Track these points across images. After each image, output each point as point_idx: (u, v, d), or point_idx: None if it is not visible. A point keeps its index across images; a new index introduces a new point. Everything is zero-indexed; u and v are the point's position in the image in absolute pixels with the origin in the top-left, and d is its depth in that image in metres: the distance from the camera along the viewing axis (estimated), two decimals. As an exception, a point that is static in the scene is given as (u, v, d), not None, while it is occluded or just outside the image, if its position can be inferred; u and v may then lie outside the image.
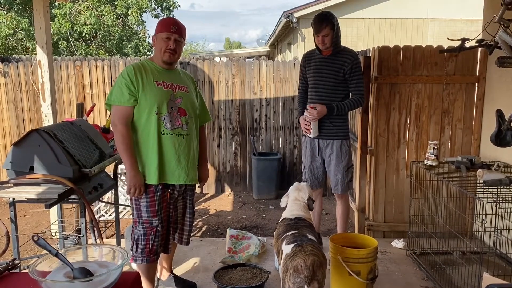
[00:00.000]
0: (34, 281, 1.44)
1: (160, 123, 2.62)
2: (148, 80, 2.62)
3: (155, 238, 2.67)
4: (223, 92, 6.10)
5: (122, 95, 2.58)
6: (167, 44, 2.65)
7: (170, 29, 2.65)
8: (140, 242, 2.66)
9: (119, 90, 2.58)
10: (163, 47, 2.66)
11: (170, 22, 2.70)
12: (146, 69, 2.66)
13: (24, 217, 5.25)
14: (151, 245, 2.67)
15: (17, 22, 9.18)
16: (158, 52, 2.70)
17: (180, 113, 2.70)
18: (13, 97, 6.10)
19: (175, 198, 2.78)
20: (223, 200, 6.02)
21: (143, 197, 2.64)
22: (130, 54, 11.32)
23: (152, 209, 2.65)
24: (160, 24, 2.71)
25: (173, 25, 2.67)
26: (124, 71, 2.63)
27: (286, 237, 2.53)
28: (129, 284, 1.56)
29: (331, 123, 3.53)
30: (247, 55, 14.78)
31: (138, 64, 2.69)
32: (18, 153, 2.60)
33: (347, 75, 3.46)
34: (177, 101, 2.70)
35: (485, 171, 2.86)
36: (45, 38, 3.83)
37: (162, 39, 2.66)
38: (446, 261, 3.42)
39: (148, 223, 2.65)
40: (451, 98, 3.99)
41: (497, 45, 2.80)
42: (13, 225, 2.72)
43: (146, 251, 2.67)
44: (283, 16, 10.28)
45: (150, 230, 2.66)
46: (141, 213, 2.66)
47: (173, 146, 2.66)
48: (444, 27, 9.72)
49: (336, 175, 3.60)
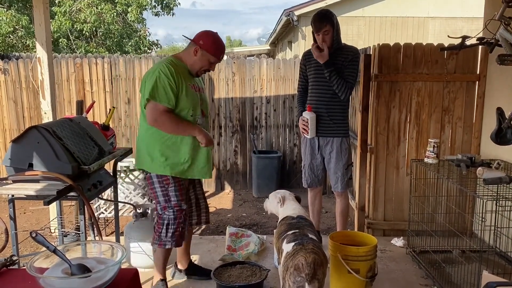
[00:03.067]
0: (32, 277, 1.44)
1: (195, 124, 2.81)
2: (185, 83, 2.73)
3: (184, 221, 2.85)
4: (223, 90, 6.10)
5: (166, 95, 2.67)
6: (210, 68, 2.82)
7: (219, 57, 2.78)
8: (171, 226, 2.81)
9: (163, 89, 2.66)
10: (204, 66, 2.79)
11: (222, 50, 2.79)
12: (181, 71, 2.75)
13: (24, 215, 5.25)
14: (181, 228, 2.84)
15: (17, 19, 9.17)
16: (197, 64, 2.79)
17: (202, 115, 2.89)
18: (13, 95, 6.10)
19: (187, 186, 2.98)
20: (223, 198, 6.02)
21: (171, 184, 2.80)
22: (130, 52, 11.31)
23: (181, 192, 2.84)
24: (214, 46, 2.75)
25: (223, 54, 2.81)
26: (165, 71, 2.67)
27: (287, 236, 2.52)
28: (128, 280, 1.56)
29: (331, 121, 3.52)
30: (248, 53, 14.76)
31: (174, 64, 2.74)
32: (17, 150, 2.59)
33: (345, 67, 3.44)
34: (200, 103, 2.87)
35: (485, 169, 2.85)
36: (44, 35, 3.83)
37: (207, 60, 2.77)
38: (446, 259, 3.42)
39: (178, 207, 2.82)
40: (452, 96, 3.98)
41: (497, 43, 2.79)
42: (12, 222, 2.72)
43: (176, 234, 2.82)
44: (284, 14, 10.27)
45: (180, 214, 2.82)
46: (169, 197, 2.81)
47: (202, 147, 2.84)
48: (445, 26, 9.71)
49: (336, 173, 3.59)
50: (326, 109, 3.52)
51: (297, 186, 6.25)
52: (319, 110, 3.54)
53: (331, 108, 3.52)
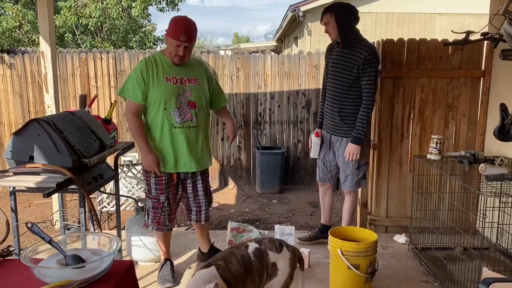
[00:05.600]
0: (28, 268, 1.44)
1: (170, 118, 2.85)
2: (158, 76, 2.81)
3: (162, 212, 3.02)
4: (227, 85, 6.08)
5: (134, 92, 2.82)
6: (177, 50, 2.78)
7: (179, 38, 2.73)
8: (150, 213, 3.05)
9: (132, 86, 2.82)
10: (173, 51, 2.79)
11: (181, 30, 2.74)
12: (158, 64, 2.83)
13: (29, 208, 5.29)
14: (158, 217, 3.03)
15: (23, 14, 9.21)
16: (168, 51, 2.84)
17: (190, 106, 2.89)
18: (19, 89, 6.14)
19: (182, 180, 3.07)
20: (227, 193, 6.03)
21: (152, 176, 2.96)
22: (135, 47, 11.32)
23: (160, 187, 2.98)
24: (172, 28, 2.77)
25: (183, 33, 2.73)
26: (137, 67, 2.83)
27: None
28: (122, 271, 1.56)
29: (342, 121, 3.45)
30: (254, 49, 14.72)
31: (150, 59, 2.85)
32: (18, 143, 2.60)
33: (361, 71, 3.29)
34: (186, 94, 2.88)
35: (488, 165, 2.82)
36: (48, 29, 3.83)
37: (171, 44, 2.77)
38: (448, 256, 3.39)
39: (155, 199, 3.01)
40: (456, 92, 3.94)
41: (502, 38, 2.75)
42: (13, 214, 2.73)
43: (154, 221, 3.05)
44: (290, 10, 10.24)
45: (158, 205, 3.01)
46: (150, 189, 3.00)
47: (185, 139, 2.90)
48: (452, 22, 9.61)
49: (345, 172, 3.55)
50: (338, 108, 3.45)
51: (301, 182, 6.25)
52: (332, 108, 3.49)
53: (343, 108, 3.43)
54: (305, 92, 6.12)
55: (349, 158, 3.40)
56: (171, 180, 3.01)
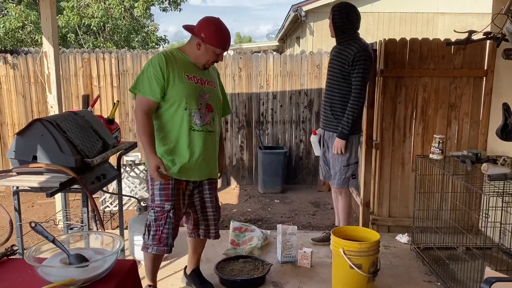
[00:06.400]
0: (31, 267, 1.45)
1: (190, 119, 2.56)
2: (179, 73, 2.54)
3: (165, 224, 2.58)
4: (229, 85, 6.09)
5: (150, 87, 2.50)
6: (216, 59, 2.60)
7: (225, 47, 2.56)
8: (151, 228, 2.61)
9: (148, 80, 2.50)
10: (211, 59, 2.58)
11: (227, 40, 2.57)
12: (178, 60, 2.57)
13: (32, 208, 5.31)
14: (160, 232, 2.59)
15: (26, 14, 9.23)
16: (202, 57, 2.58)
17: (207, 109, 2.64)
18: (22, 89, 6.16)
19: (190, 190, 2.72)
20: (229, 193, 6.03)
21: (156, 182, 2.57)
22: (138, 47, 11.34)
23: (166, 192, 2.58)
24: (217, 37, 2.52)
25: (228, 43, 2.59)
26: (154, 60, 2.51)
27: None
28: (125, 271, 1.57)
29: (333, 116, 3.51)
30: (257, 49, 14.73)
31: (168, 53, 2.58)
32: (21, 142, 2.61)
33: (350, 67, 3.36)
34: (205, 96, 2.63)
35: (490, 165, 2.82)
36: (51, 30, 3.85)
37: (213, 52, 2.54)
38: (450, 256, 3.39)
39: (159, 207, 2.59)
40: (458, 92, 3.93)
41: (504, 38, 2.75)
42: (16, 214, 2.75)
43: (156, 238, 2.59)
44: (292, 10, 10.22)
45: (161, 215, 2.58)
46: (154, 197, 2.61)
47: (203, 143, 2.61)
48: (455, 22, 9.59)
49: (334, 168, 3.59)
50: (329, 103, 3.54)
51: (303, 182, 6.25)
52: (325, 103, 3.59)
53: (333, 103, 3.51)
54: (307, 92, 6.13)
55: (334, 151, 3.48)
56: (178, 187, 2.63)
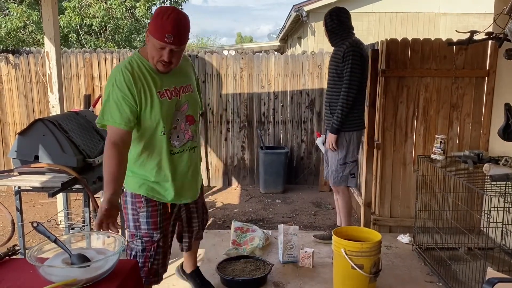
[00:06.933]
0: (33, 267, 1.45)
1: (169, 142, 2.21)
2: (150, 92, 2.10)
3: (156, 255, 2.29)
4: (231, 85, 6.09)
5: (119, 114, 2.03)
6: (160, 55, 2.06)
7: (164, 39, 2.00)
8: (139, 259, 2.27)
9: (116, 106, 2.03)
10: (155, 56, 2.08)
11: (167, 29, 1.99)
12: (143, 73, 2.11)
13: (34, 208, 5.31)
14: (150, 263, 2.28)
15: (28, 14, 9.24)
16: (150, 54, 2.10)
17: (188, 122, 2.28)
18: (23, 89, 6.16)
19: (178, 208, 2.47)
20: (230, 193, 6.03)
21: (142, 207, 2.24)
22: (139, 47, 11.34)
23: (154, 220, 2.26)
24: (156, 25, 2.01)
25: (169, 33, 1.99)
26: (119, 80, 2.04)
27: None
28: (127, 271, 1.57)
29: (331, 114, 3.54)
30: (258, 49, 14.72)
31: (134, 68, 2.09)
32: (23, 142, 2.62)
33: (342, 64, 3.41)
34: (183, 109, 2.24)
35: (492, 165, 2.82)
36: (52, 30, 3.86)
37: (154, 46, 2.05)
38: (452, 256, 3.39)
39: (148, 237, 2.26)
40: (460, 92, 3.93)
41: (506, 38, 2.75)
42: (18, 214, 2.75)
43: (145, 270, 2.27)
44: (293, 10, 10.23)
45: (150, 246, 2.27)
46: (139, 225, 2.26)
47: (186, 165, 2.30)
48: (457, 22, 9.59)
49: (331, 166, 3.62)
50: (328, 102, 3.59)
51: (304, 182, 6.24)
52: (326, 102, 3.65)
53: (331, 102, 3.55)
54: (309, 92, 6.12)
55: (326, 146, 3.56)
56: (165, 210, 2.33)
